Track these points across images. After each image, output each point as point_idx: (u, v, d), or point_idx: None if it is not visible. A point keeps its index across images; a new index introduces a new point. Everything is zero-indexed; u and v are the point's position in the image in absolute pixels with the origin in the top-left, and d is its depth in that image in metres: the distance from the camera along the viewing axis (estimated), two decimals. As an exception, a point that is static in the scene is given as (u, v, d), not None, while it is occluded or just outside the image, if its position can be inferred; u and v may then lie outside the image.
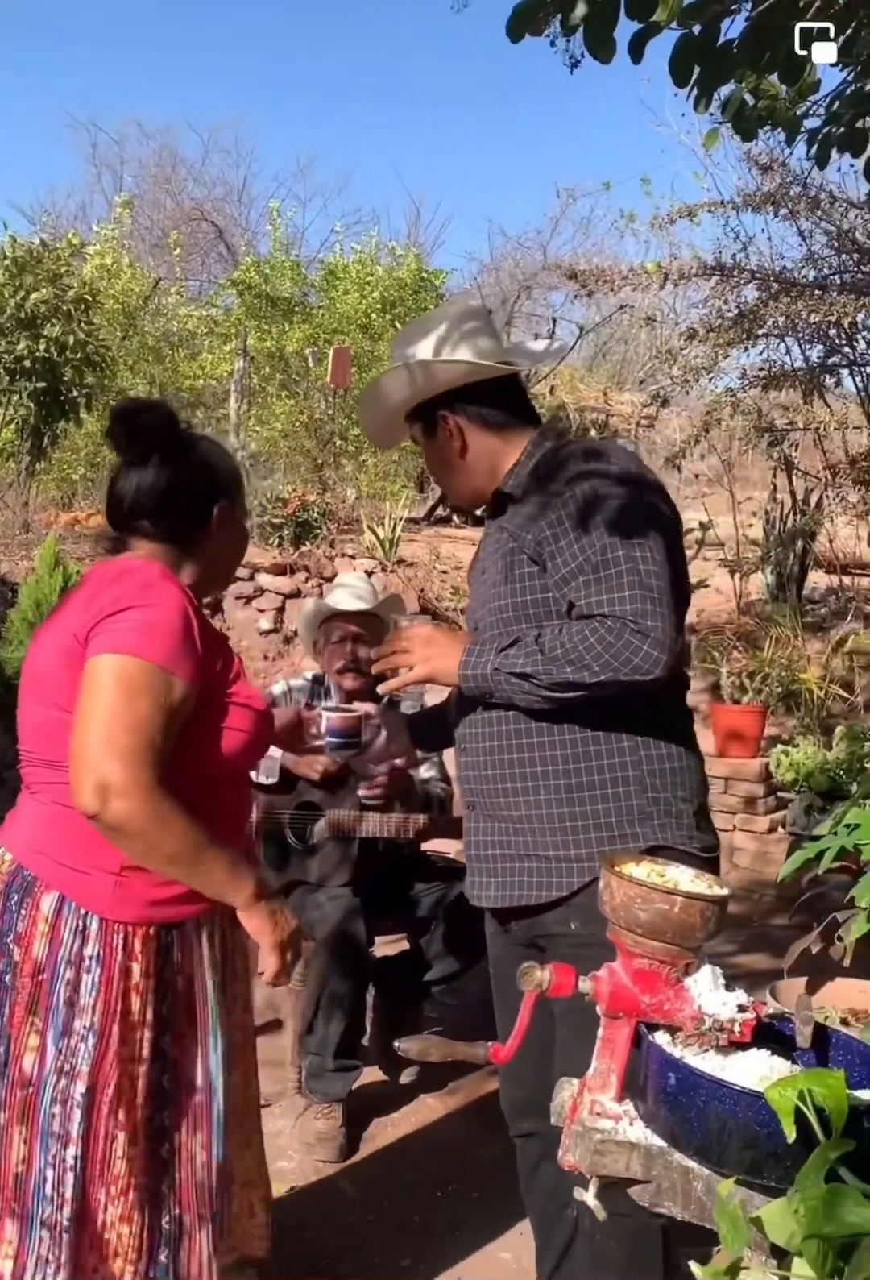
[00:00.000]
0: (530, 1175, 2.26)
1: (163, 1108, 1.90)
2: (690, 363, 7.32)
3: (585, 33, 2.16)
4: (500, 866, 2.09)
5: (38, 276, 10.71)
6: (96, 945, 1.84)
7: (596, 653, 1.87)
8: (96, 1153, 1.84)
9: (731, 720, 5.93)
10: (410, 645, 2.13)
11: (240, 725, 1.92)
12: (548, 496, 2.02)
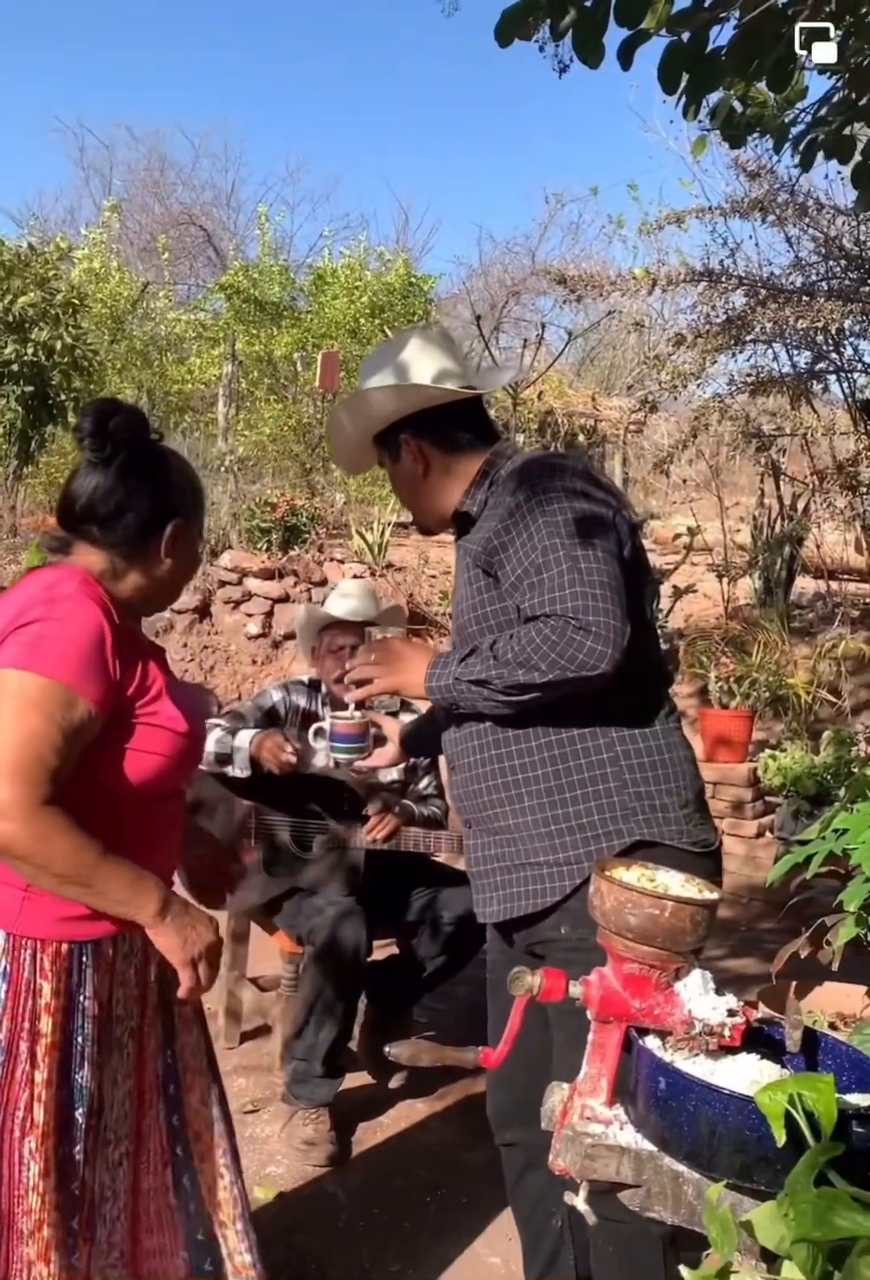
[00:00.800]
0: (516, 1184, 2.27)
1: (76, 1139, 1.82)
2: (679, 368, 7.34)
3: (574, 38, 2.17)
4: (499, 880, 2.10)
5: (25, 280, 10.70)
6: (3, 961, 1.78)
7: (543, 652, 1.88)
8: (11, 1179, 1.76)
9: (719, 725, 5.94)
10: (379, 657, 2.19)
11: (153, 748, 1.85)
12: (495, 508, 2.07)
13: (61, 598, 1.79)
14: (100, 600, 1.83)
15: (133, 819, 1.86)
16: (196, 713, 1.98)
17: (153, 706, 1.85)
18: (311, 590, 8.61)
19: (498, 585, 2.05)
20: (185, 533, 1.97)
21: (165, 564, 1.95)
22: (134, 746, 1.83)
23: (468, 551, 2.13)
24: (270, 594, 8.63)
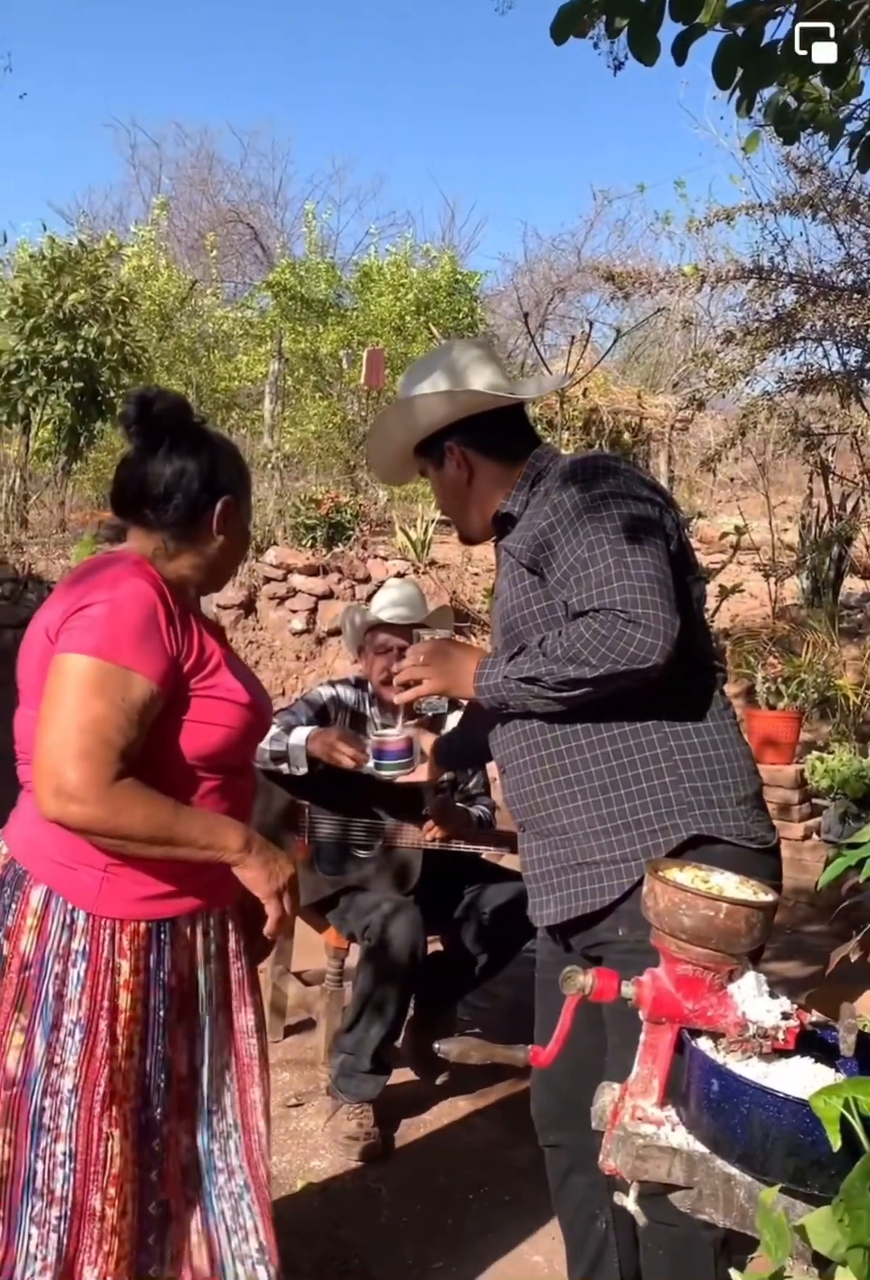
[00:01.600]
0: (560, 1186, 2.27)
1: (156, 1104, 1.89)
2: (727, 366, 7.29)
3: (629, 35, 2.15)
4: (555, 881, 2.08)
5: (76, 277, 10.80)
6: (83, 940, 1.83)
7: (592, 647, 1.88)
8: (90, 1152, 1.82)
9: (766, 726, 5.89)
10: (427, 659, 2.18)
11: (217, 720, 1.89)
12: (539, 508, 2.08)
13: (115, 580, 1.84)
14: (154, 580, 1.87)
15: (205, 794, 1.91)
16: (257, 687, 2.03)
17: (212, 680, 1.89)
18: (355, 587, 8.63)
19: (544, 583, 2.05)
20: (234, 509, 2.01)
21: (217, 541, 2.00)
22: (196, 719, 1.87)
23: (511, 551, 2.13)
24: (314, 590, 8.66)
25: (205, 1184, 1.96)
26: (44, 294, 10.64)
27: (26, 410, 10.86)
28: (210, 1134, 1.97)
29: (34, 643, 1.90)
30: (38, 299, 10.64)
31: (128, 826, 1.74)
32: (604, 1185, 2.15)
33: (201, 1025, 1.96)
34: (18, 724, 1.95)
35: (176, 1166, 1.93)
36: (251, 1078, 2.03)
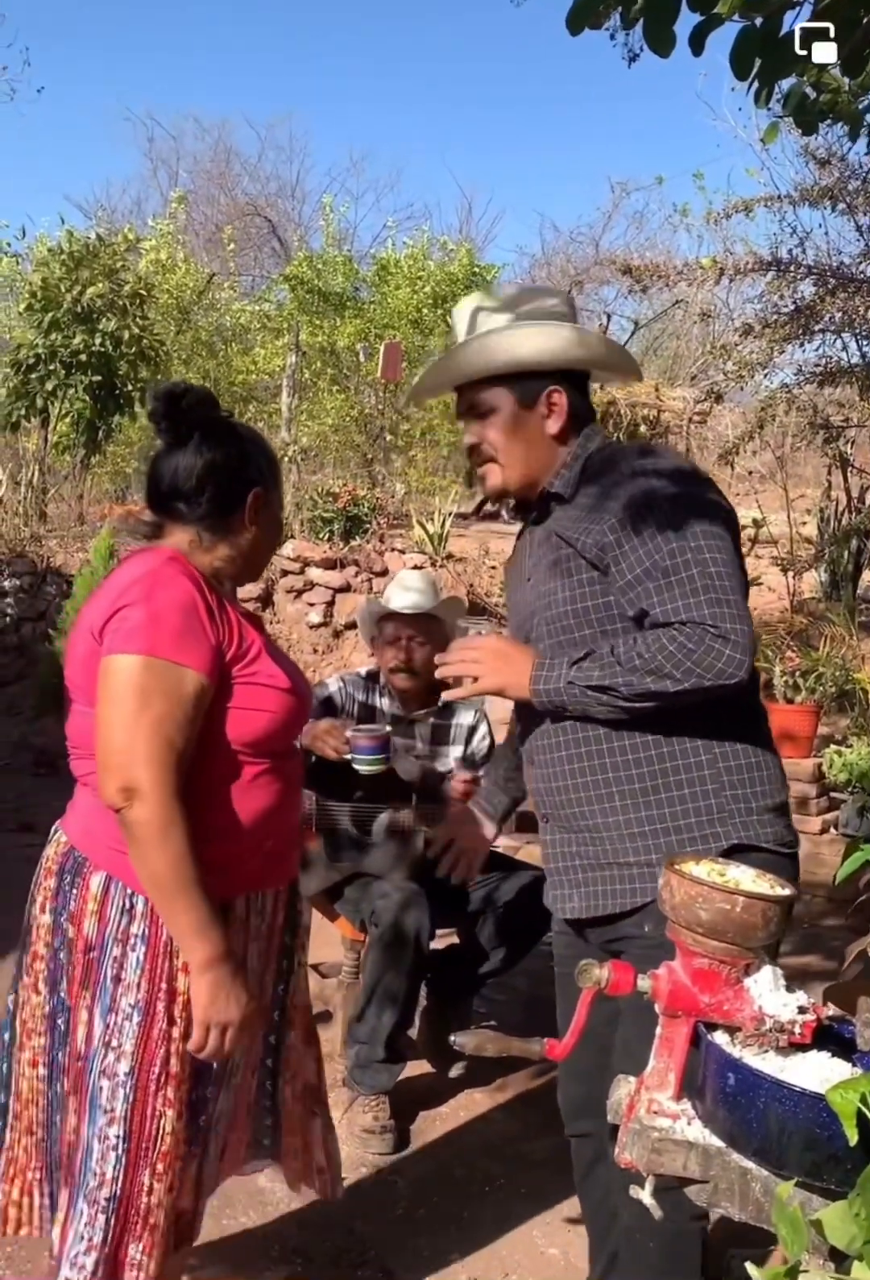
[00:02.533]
0: (585, 1176, 2.25)
1: (207, 1082, 1.95)
2: (745, 358, 7.26)
3: (645, 26, 2.14)
4: (581, 877, 2.06)
5: (94, 271, 10.83)
6: (142, 924, 1.87)
7: (677, 660, 1.84)
8: (143, 1132, 1.87)
9: (784, 719, 5.86)
10: (480, 656, 2.07)
11: (261, 705, 1.92)
12: (602, 498, 1.99)
13: (153, 577, 1.86)
14: (191, 574, 1.90)
15: (254, 779, 1.93)
16: (298, 673, 2.05)
17: (254, 667, 1.92)
18: (372, 580, 8.64)
19: (604, 580, 1.98)
20: (266, 499, 2.04)
21: (250, 532, 2.02)
22: (242, 706, 1.90)
23: (562, 538, 2.03)
24: (331, 583, 8.68)
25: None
26: (62, 288, 10.68)
27: (45, 404, 10.91)
28: (227, 1094, 2.04)
29: (78, 642, 1.94)
30: (56, 293, 10.68)
31: (159, 849, 1.76)
32: (627, 1177, 2.16)
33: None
34: (72, 720, 1.98)
35: (219, 1138, 2.04)
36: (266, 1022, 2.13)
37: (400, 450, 13.10)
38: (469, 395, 2.14)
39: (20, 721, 7.85)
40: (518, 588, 2.23)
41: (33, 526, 10.25)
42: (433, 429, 12.98)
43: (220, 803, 1.90)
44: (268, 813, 1.95)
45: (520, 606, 2.19)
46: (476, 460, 2.16)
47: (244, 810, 1.91)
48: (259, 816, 1.93)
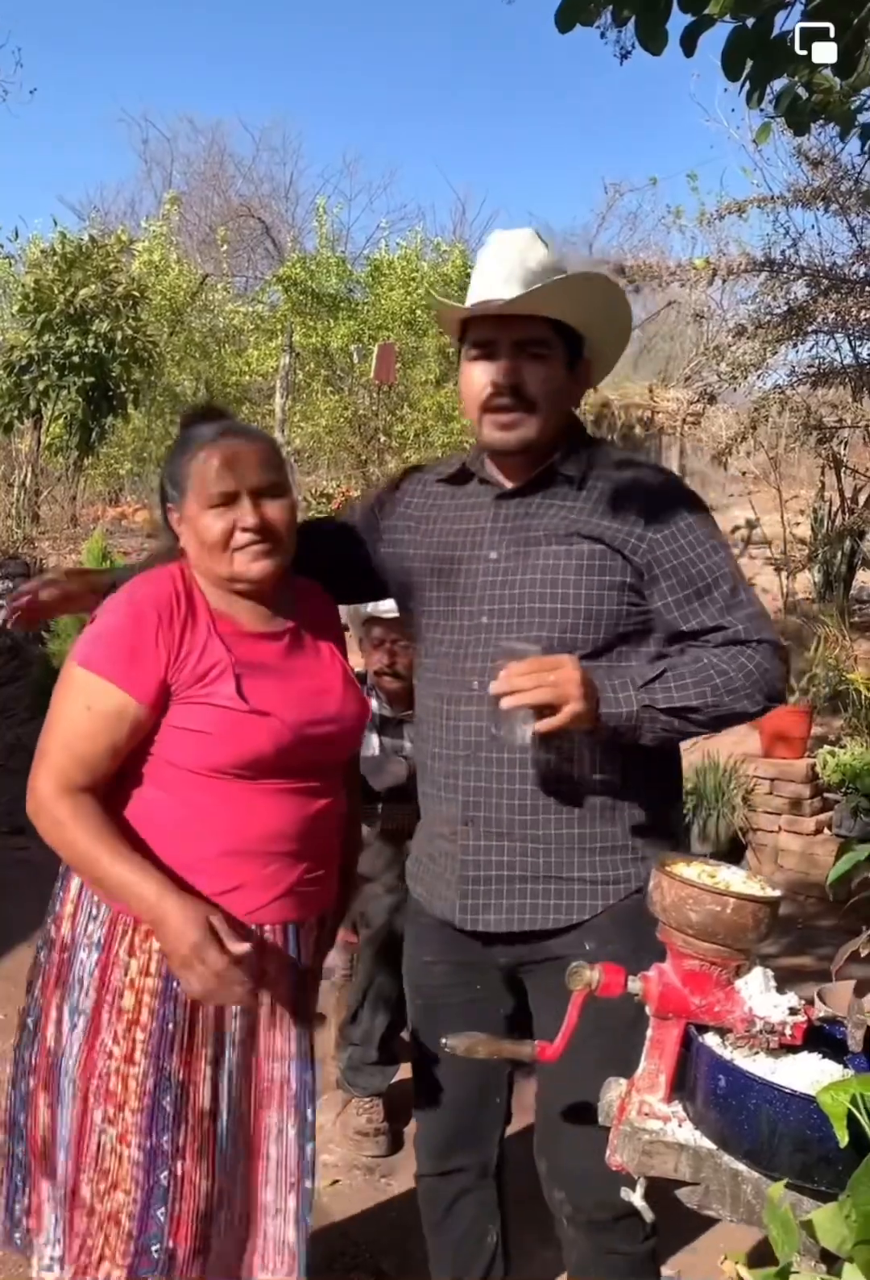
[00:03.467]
0: (446, 1214, 2.14)
1: (164, 1130, 1.81)
2: (738, 359, 7.26)
3: (637, 24, 2.14)
4: (506, 889, 1.91)
5: (87, 272, 10.82)
6: (101, 930, 1.85)
7: (758, 682, 1.83)
8: (83, 1142, 1.83)
9: (778, 721, 5.86)
10: (562, 679, 1.73)
11: (208, 727, 1.80)
12: (630, 499, 1.90)
13: (131, 589, 1.85)
14: (173, 587, 1.85)
15: (198, 795, 1.83)
16: (289, 698, 1.87)
17: (208, 688, 1.81)
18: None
19: (637, 589, 1.88)
20: (182, 513, 1.94)
21: (184, 545, 1.94)
22: (186, 726, 1.82)
23: (597, 537, 1.88)
24: (326, 585, 8.65)
25: (212, 1226, 1.86)
26: (55, 289, 10.67)
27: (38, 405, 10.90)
28: (226, 1172, 1.87)
29: None
30: (49, 294, 10.67)
31: (59, 842, 1.79)
32: (495, 1200, 2.13)
33: (226, 1052, 1.85)
34: None
35: (192, 1213, 1.82)
36: (270, 1099, 1.91)
37: (394, 451, 13.08)
38: (525, 327, 1.89)
39: (14, 723, 7.82)
40: (463, 558, 1.98)
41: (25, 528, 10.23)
42: (426, 430, 12.97)
43: (182, 827, 1.83)
44: (207, 831, 1.82)
45: (466, 582, 1.96)
46: (508, 403, 1.91)
47: (191, 825, 1.83)
48: (199, 834, 1.82)
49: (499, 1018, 2.01)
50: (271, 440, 1.97)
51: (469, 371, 1.96)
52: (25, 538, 9.84)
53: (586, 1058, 1.63)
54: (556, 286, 1.86)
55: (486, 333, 1.92)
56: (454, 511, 2.04)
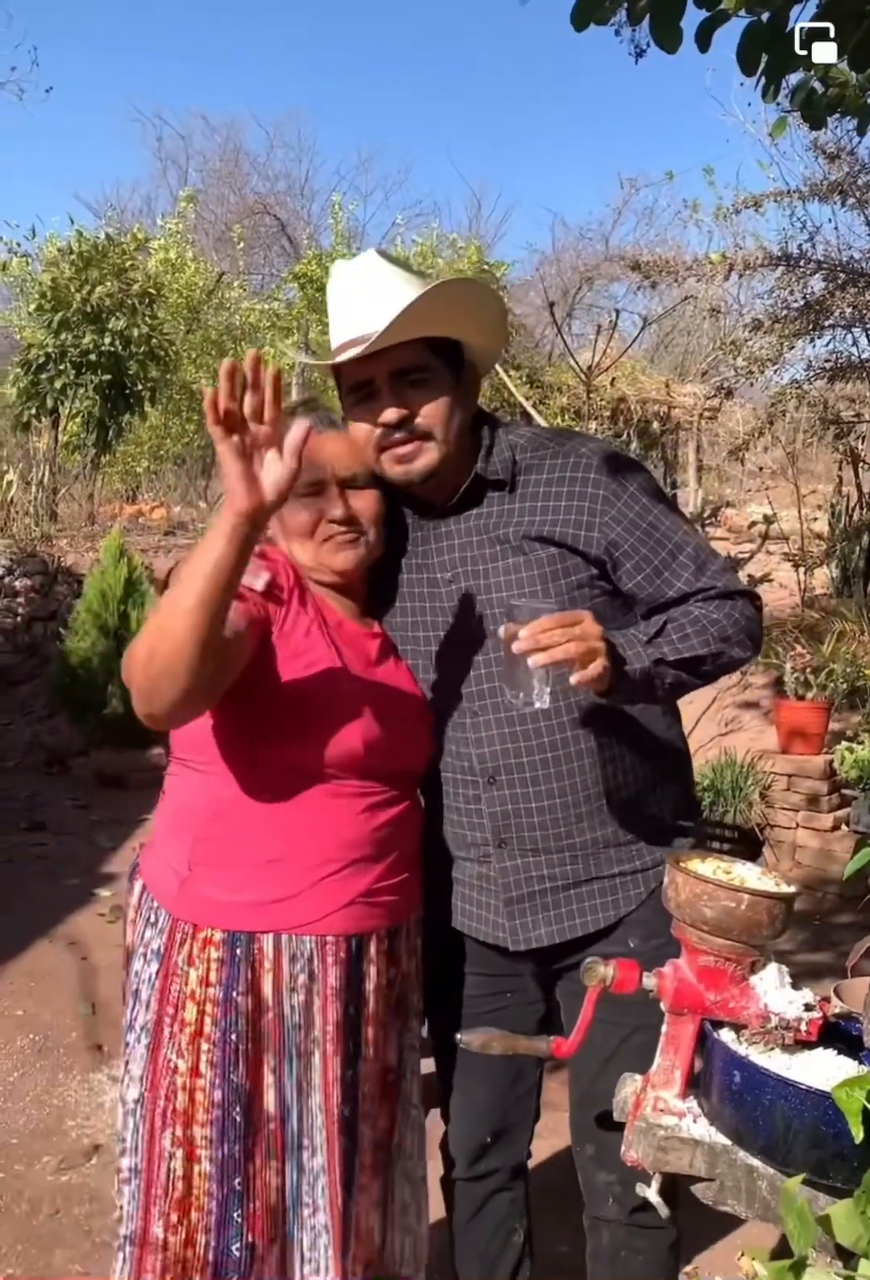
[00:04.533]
0: (475, 1213, 2.13)
1: (235, 1140, 1.75)
2: (755, 354, 7.25)
3: (651, 21, 2.14)
4: (551, 900, 1.89)
5: (103, 270, 10.85)
6: (160, 939, 1.78)
7: (747, 627, 1.85)
8: (152, 1171, 1.76)
9: (795, 716, 5.85)
10: (587, 632, 1.63)
11: (298, 717, 1.76)
12: (571, 487, 1.84)
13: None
14: (288, 564, 1.83)
15: (279, 793, 1.77)
16: (387, 703, 1.82)
17: (308, 673, 1.75)
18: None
19: (602, 580, 1.85)
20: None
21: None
22: (267, 710, 1.74)
23: (549, 538, 1.84)
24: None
25: (289, 1217, 1.82)
26: (72, 287, 10.70)
27: (55, 403, 10.93)
28: (299, 1169, 1.81)
29: None
30: (66, 292, 10.71)
31: (167, 629, 1.54)
32: (524, 1198, 2.12)
33: (289, 1060, 1.78)
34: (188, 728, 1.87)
35: (265, 1208, 1.78)
36: (339, 1127, 1.82)
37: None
38: (400, 356, 1.79)
39: (32, 720, 7.87)
40: (420, 581, 1.93)
41: (44, 526, 10.27)
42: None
43: (256, 822, 1.77)
44: (306, 832, 1.77)
45: (429, 606, 1.92)
46: (398, 439, 1.81)
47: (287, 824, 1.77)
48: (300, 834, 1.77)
49: (530, 1024, 1.98)
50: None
51: (354, 418, 1.85)
52: (43, 535, 9.88)
53: (632, 1043, 1.65)
54: (419, 305, 1.74)
55: (361, 373, 1.82)
56: (403, 534, 1.95)
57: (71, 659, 6.76)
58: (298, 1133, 1.80)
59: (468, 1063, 1.99)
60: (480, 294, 1.90)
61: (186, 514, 12.24)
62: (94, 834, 5.93)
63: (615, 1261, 1.97)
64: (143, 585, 6.81)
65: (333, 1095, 1.80)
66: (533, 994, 2.00)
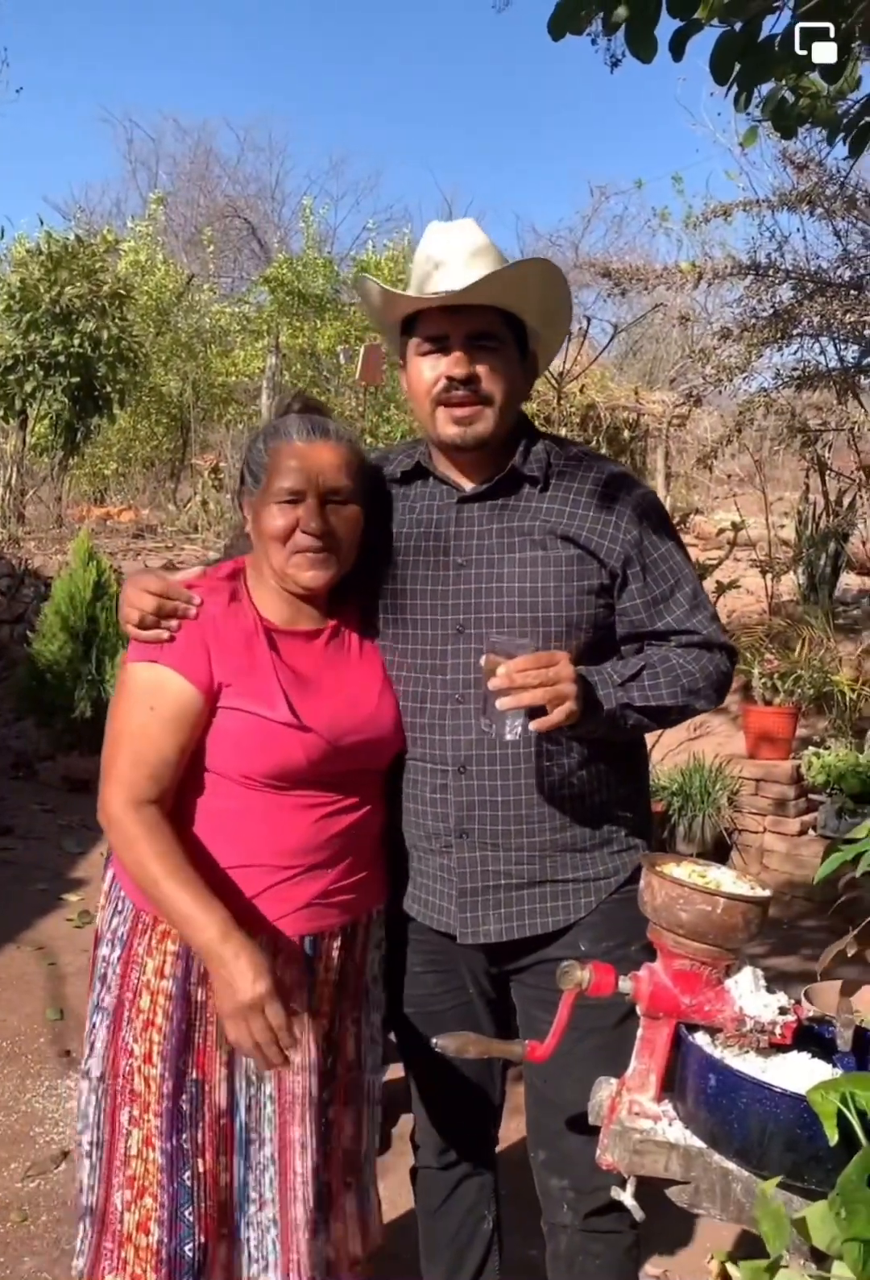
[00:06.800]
0: (444, 1201, 2.16)
1: (183, 1131, 1.80)
2: (724, 362, 7.30)
3: (627, 31, 2.15)
4: (503, 897, 1.90)
5: (73, 272, 10.79)
6: (125, 927, 1.84)
7: (715, 682, 1.91)
8: (113, 1146, 1.82)
9: (763, 722, 5.90)
10: (561, 675, 1.69)
11: (232, 729, 1.79)
12: (600, 499, 1.88)
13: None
14: (228, 584, 1.86)
15: (228, 802, 1.81)
16: (333, 711, 1.83)
17: (250, 689, 1.78)
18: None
19: (610, 592, 1.88)
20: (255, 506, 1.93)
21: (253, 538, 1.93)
22: (219, 727, 1.79)
23: (572, 538, 1.86)
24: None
25: (236, 1214, 1.85)
26: (41, 289, 10.64)
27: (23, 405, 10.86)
28: (247, 1164, 1.85)
29: None
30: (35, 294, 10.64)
31: (125, 859, 1.76)
32: (492, 1185, 2.16)
33: (240, 1055, 1.81)
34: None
35: (216, 1207, 1.82)
36: (293, 1115, 1.86)
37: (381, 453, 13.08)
38: (478, 320, 1.83)
39: (1, 728, 7.80)
40: (428, 564, 1.93)
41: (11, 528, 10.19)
42: (412, 431, 12.97)
43: (210, 832, 1.82)
44: (239, 841, 1.81)
45: (434, 589, 1.91)
46: (460, 397, 1.84)
47: (223, 832, 1.81)
48: (231, 842, 1.81)
49: (488, 1022, 2.02)
50: (356, 447, 1.92)
51: (419, 365, 1.89)
52: (11, 538, 9.80)
53: (587, 1047, 1.66)
54: (508, 273, 1.81)
55: (438, 327, 1.85)
56: (409, 514, 1.97)
57: (39, 662, 6.70)
58: (246, 1126, 1.84)
59: (432, 1054, 1.99)
60: (559, 283, 1.94)
61: (155, 517, 12.18)
62: (62, 839, 5.89)
63: (573, 1266, 1.99)
64: (112, 588, 6.76)
65: (286, 1084, 1.85)
66: (490, 993, 2.03)
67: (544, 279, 1.89)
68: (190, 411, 14.88)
